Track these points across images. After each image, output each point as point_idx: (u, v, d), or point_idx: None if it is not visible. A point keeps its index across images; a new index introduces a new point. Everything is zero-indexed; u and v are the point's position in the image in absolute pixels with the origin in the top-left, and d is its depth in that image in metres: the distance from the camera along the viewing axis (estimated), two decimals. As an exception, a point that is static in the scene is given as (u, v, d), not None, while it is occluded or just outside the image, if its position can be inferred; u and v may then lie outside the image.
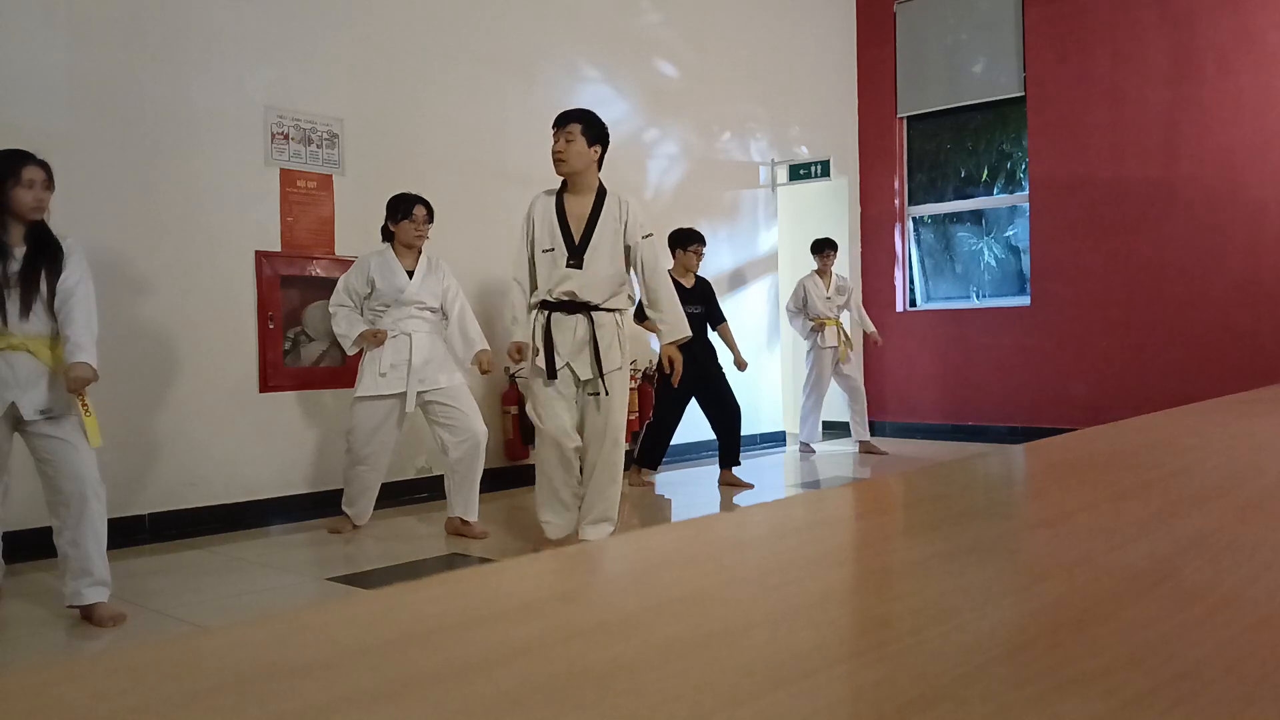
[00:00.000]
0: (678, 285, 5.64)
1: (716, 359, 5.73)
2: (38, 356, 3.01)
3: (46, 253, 3.05)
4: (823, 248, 7.01)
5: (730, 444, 5.75)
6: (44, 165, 3.06)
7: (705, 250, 5.84)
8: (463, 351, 4.42)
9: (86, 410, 3.05)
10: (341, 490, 4.49)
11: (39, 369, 3.01)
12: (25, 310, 2.98)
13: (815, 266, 7.04)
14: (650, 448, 5.70)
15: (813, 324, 6.98)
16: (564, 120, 3.80)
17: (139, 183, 4.32)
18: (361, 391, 4.26)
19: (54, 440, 3.02)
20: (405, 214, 4.31)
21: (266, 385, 4.72)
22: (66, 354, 2.99)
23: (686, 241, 5.73)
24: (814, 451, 7.13)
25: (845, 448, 7.35)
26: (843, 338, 6.99)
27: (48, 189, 3.05)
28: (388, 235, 4.39)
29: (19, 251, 3.02)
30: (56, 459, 3.01)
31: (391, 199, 4.38)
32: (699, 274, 5.83)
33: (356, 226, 5.06)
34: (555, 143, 3.79)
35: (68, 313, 3.01)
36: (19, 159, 3.02)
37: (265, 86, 4.74)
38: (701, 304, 5.75)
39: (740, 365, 5.80)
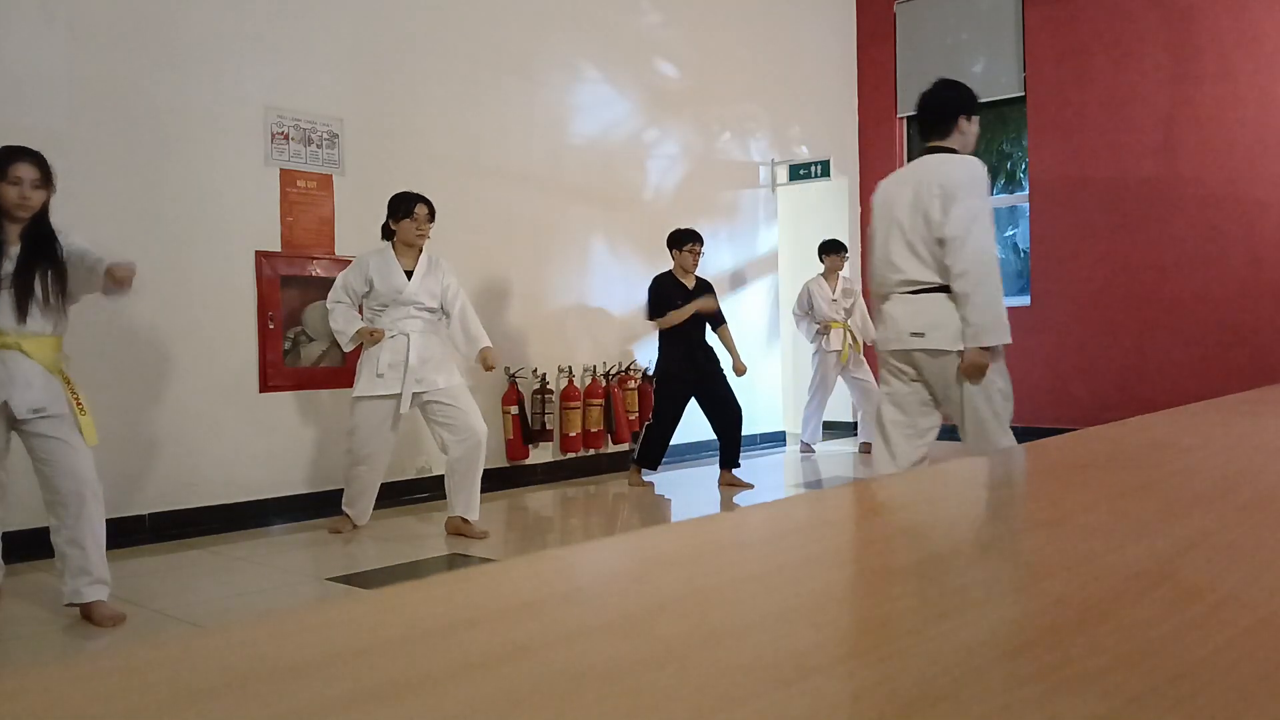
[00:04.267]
0: (679, 287, 5.63)
1: (717, 359, 5.69)
2: (32, 355, 2.99)
3: (44, 251, 3.02)
4: (830, 250, 6.96)
5: (731, 445, 5.71)
6: (39, 163, 2.99)
7: (703, 250, 5.74)
8: (465, 349, 4.42)
9: (82, 409, 3.04)
10: (341, 490, 4.50)
11: (33, 367, 2.98)
12: (21, 310, 2.95)
13: (822, 268, 7.00)
14: (649, 448, 5.67)
15: (818, 327, 6.94)
16: None
17: (139, 183, 4.32)
18: (359, 391, 4.26)
19: (50, 440, 3.00)
20: (406, 212, 4.29)
21: (266, 385, 4.73)
22: (100, 264, 2.98)
23: (681, 241, 5.65)
24: (814, 452, 7.12)
25: (845, 448, 7.36)
26: (848, 341, 6.95)
27: (38, 188, 2.98)
28: (389, 234, 4.38)
29: (14, 250, 2.98)
30: (53, 458, 3.00)
31: (393, 197, 4.38)
32: (699, 275, 5.78)
33: (356, 226, 5.06)
34: None
35: (94, 262, 3.01)
36: (9, 155, 2.96)
37: (265, 86, 4.74)
38: None
39: (739, 370, 5.70)
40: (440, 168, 5.40)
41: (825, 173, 7.49)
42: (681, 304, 5.52)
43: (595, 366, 6.19)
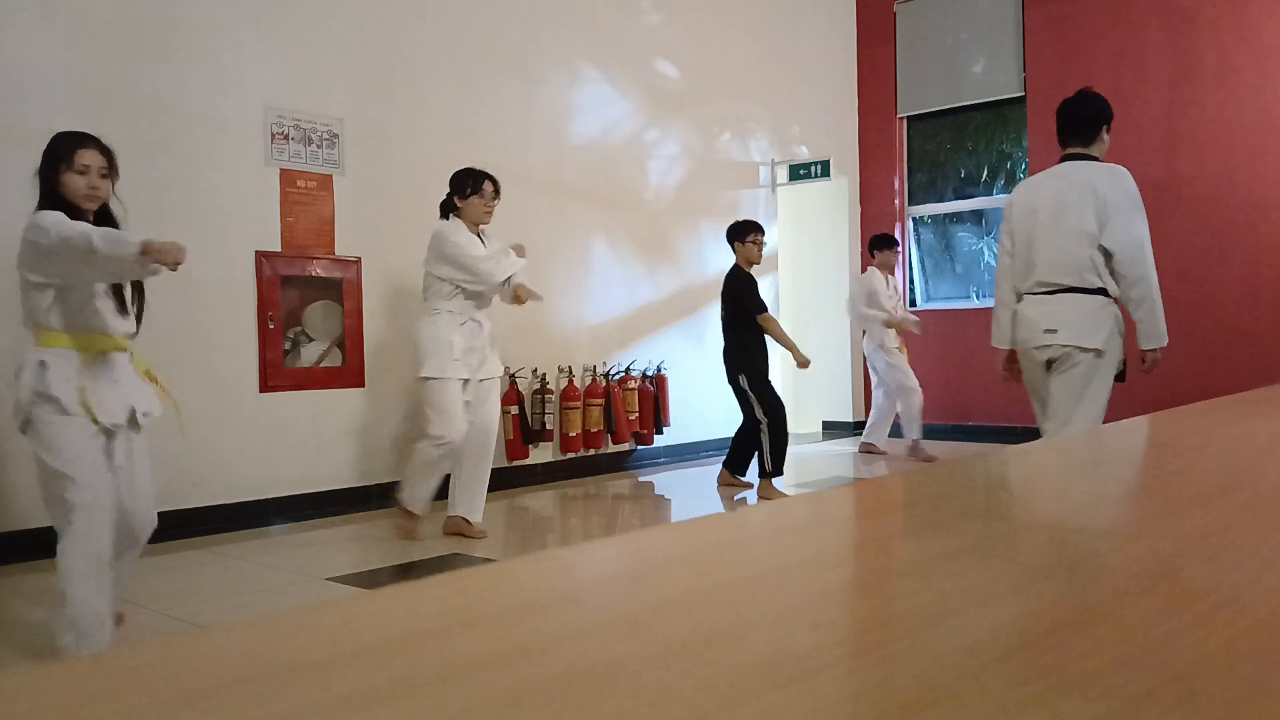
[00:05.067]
0: (744, 278, 5.37)
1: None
2: (133, 358, 2.88)
3: None
4: (885, 245, 6.76)
5: (746, 453, 5.58)
6: (105, 150, 2.81)
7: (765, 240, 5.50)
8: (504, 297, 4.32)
9: (176, 408, 2.97)
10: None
11: (132, 369, 2.88)
12: (138, 312, 2.84)
13: (875, 263, 6.78)
14: (778, 450, 5.29)
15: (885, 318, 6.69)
16: None
17: (139, 183, 4.30)
18: (434, 372, 4.06)
19: (128, 469, 2.84)
20: (475, 189, 4.16)
21: (266, 385, 4.72)
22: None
23: (744, 232, 5.43)
24: (885, 452, 6.92)
25: (846, 448, 7.35)
26: (901, 337, 6.79)
27: (106, 176, 2.80)
28: (447, 212, 4.23)
29: None
30: (131, 488, 2.84)
31: (459, 173, 4.25)
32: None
33: (356, 226, 5.06)
34: None
35: None
36: (74, 141, 2.77)
37: (265, 86, 4.74)
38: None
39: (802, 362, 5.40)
40: (440, 168, 5.38)
41: (825, 173, 7.49)
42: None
43: (595, 366, 6.19)
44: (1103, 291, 3.34)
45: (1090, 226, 3.28)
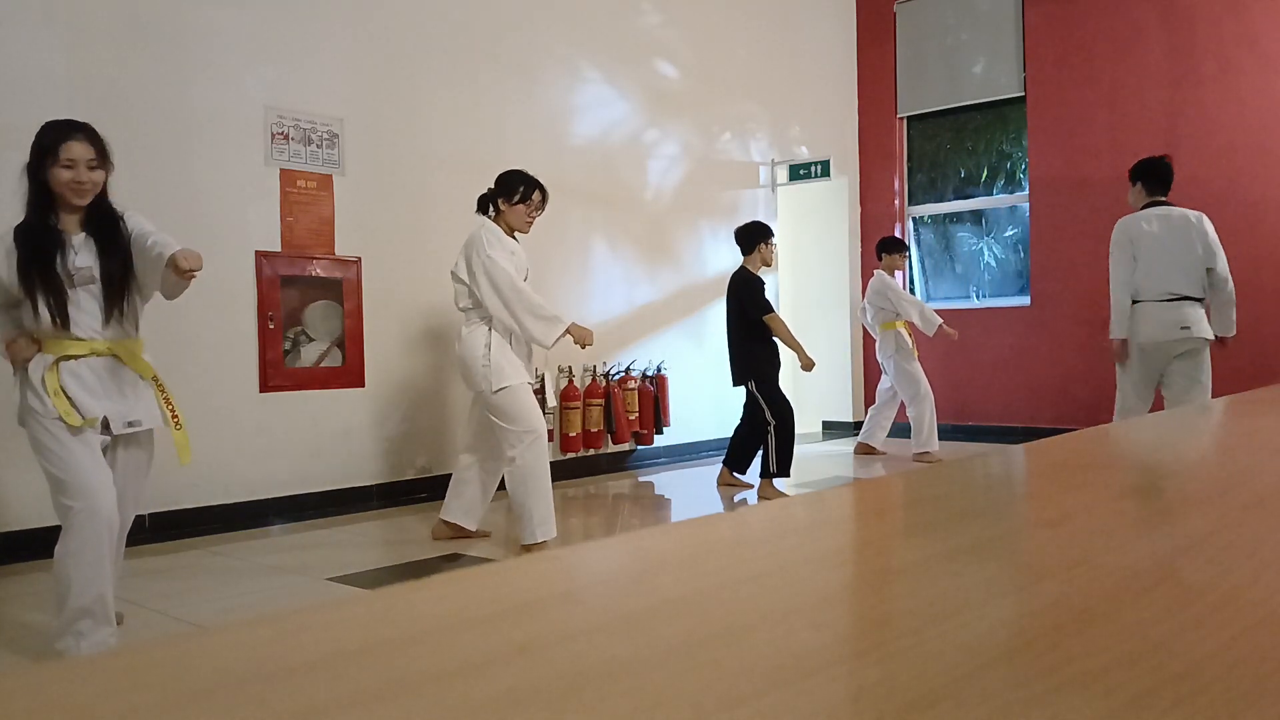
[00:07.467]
0: (752, 280, 5.32)
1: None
2: (126, 362, 2.79)
3: (112, 240, 2.74)
4: (894, 248, 6.69)
5: (750, 452, 5.55)
6: (93, 139, 2.68)
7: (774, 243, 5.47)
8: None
9: (178, 424, 2.84)
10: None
11: (129, 375, 2.79)
12: (108, 311, 2.72)
13: (882, 265, 6.68)
14: (785, 453, 5.24)
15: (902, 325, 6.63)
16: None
17: (139, 183, 4.31)
18: (513, 380, 3.86)
19: (129, 467, 2.82)
20: (524, 197, 3.91)
21: (266, 385, 4.73)
22: (165, 250, 2.65)
23: (755, 238, 5.39)
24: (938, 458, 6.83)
25: (845, 448, 7.36)
26: (913, 337, 6.73)
27: (95, 168, 2.67)
28: (485, 208, 4.01)
29: (77, 240, 2.69)
30: (122, 488, 2.79)
31: (510, 174, 4.02)
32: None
33: (356, 226, 5.06)
34: None
35: (156, 241, 2.72)
36: (59, 134, 2.63)
37: (265, 86, 4.74)
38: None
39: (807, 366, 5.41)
40: (440, 168, 5.39)
41: (825, 173, 7.49)
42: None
43: (595, 366, 6.19)
44: (1203, 300, 4.70)
45: (1200, 253, 4.66)
